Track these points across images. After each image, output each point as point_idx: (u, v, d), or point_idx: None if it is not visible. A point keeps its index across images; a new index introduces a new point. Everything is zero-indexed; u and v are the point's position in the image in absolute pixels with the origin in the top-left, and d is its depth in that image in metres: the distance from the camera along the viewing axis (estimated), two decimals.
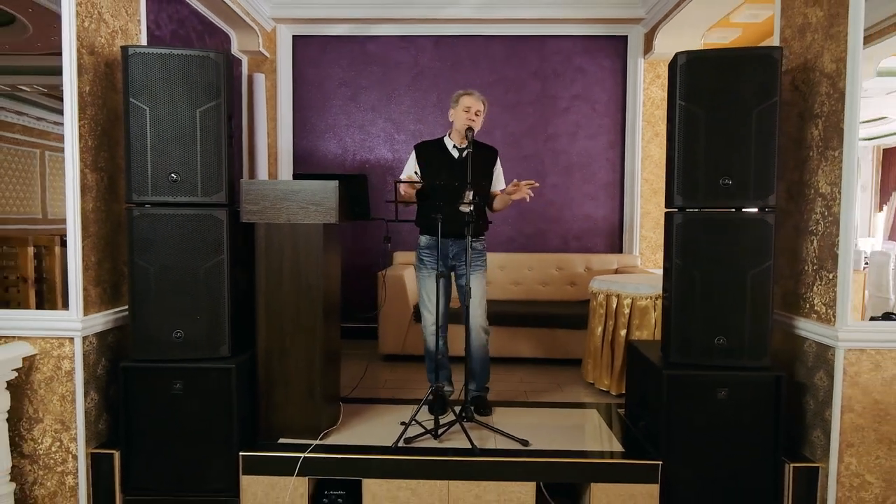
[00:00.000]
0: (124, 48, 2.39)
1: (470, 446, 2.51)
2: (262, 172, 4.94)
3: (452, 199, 2.71)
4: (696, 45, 4.67)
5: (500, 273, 4.76)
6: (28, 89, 3.72)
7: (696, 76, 2.42)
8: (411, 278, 4.37)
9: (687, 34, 4.53)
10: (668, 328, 2.56)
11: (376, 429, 2.80)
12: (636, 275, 3.94)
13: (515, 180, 2.87)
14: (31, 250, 2.89)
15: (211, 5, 4.17)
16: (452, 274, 3.11)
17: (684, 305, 2.49)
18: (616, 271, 4.68)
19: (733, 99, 2.39)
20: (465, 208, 2.59)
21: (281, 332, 2.61)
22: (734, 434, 2.43)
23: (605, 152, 4.98)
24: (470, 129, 2.83)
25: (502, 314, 4.13)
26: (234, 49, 4.73)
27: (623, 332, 3.39)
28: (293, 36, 4.98)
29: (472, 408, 2.96)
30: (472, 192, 2.59)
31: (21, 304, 2.89)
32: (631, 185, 4.92)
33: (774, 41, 2.75)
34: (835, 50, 2.33)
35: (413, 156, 3.12)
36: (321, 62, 5.00)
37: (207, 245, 2.49)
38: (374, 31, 4.91)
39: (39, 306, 2.93)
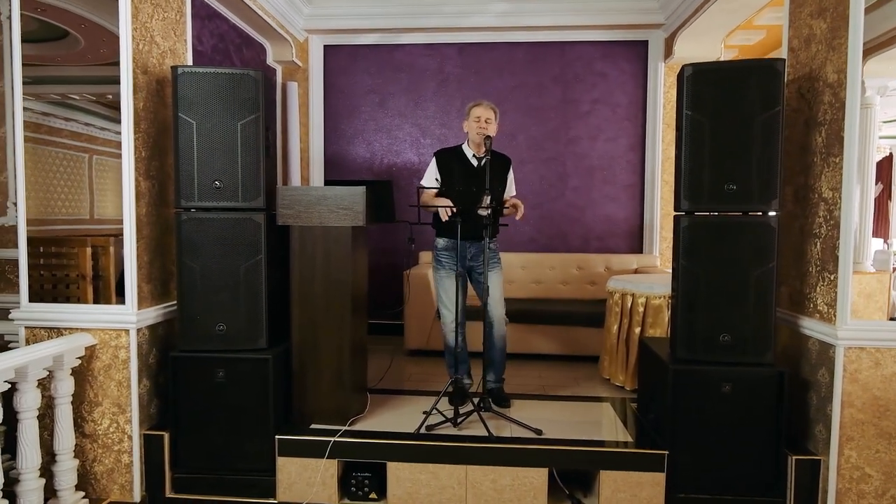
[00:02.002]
0: (174, 68, 2.65)
1: (487, 434, 2.69)
2: (295, 176, 5.21)
3: (471, 204, 2.90)
4: (716, 49, 4.74)
5: (521, 272, 4.92)
6: (78, 97, 4.04)
7: (701, 87, 2.55)
8: None
9: (707, 38, 4.61)
10: (675, 325, 2.70)
11: (400, 417, 3.01)
12: (651, 275, 4.06)
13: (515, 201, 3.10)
14: (89, 250, 3.19)
15: (248, 20, 4.44)
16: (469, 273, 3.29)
17: (690, 304, 2.62)
18: (636, 271, 4.79)
19: (738, 108, 2.52)
20: (483, 212, 2.78)
21: (313, 325, 2.84)
22: (738, 427, 2.56)
23: (625, 154, 5.09)
24: (487, 137, 3.01)
25: (524, 312, 4.30)
26: (269, 59, 4.99)
27: (637, 330, 3.53)
28: (324, 46, 5.22)
29: (492, 399, 3.15)
30: (489, 198, 2.77)
31: (80, 299, 3.19)
32: (651, 186, 5.02)
33: (783, 51, 2.85)
34: (836, 61, 2.44)
35: (434, 163, 3.31)
36: (351, 70, 5.24)
37: (247, 246, 2.73)
38: (401, 39, 5.13)
39: (96, 301, 3.23)
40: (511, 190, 3.37)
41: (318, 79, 5.23)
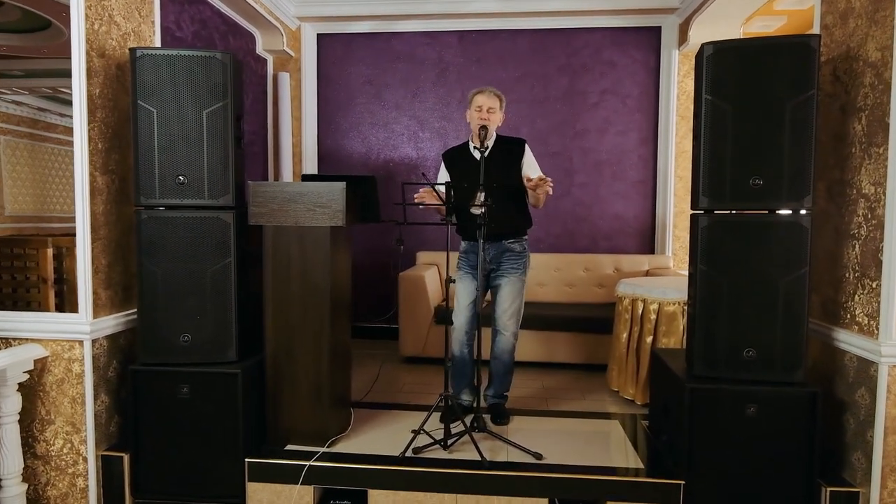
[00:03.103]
0: (132, 50, 2.38)
1: (479, 459, 2.41)
2: (287, 172, 4.94)
3: (469, 202, 2.62)
4: (734, 35, 4.41)
5: None
6: (68, 91, 3.81)
7: (723, 68, 2.25)
8: (432, 279, 4.29)
9: (724, 23, 4.28)
10: (692, 338, 2.40)
11: (387, 436, 2.73)
12: (664, 278, 3.75)
13: (536, 177, 2.74)
14: (49, 252, 2.94)
15: (234, 6, 4.17)
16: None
17: (710, 314, 2.32)
18: (647, 273, 4.49)
19: (765, 92, 2.21)
20: (476, 210, 2.49)
21: (288, 335, 2.57)
22: (764, 454, 2.25)
23: (636, 149, 4.77)
24: (483, 127, 2.72)
25: (526, 317, 4.00)
26: (259, 49, 4.73)
27: (649, 339, 3.22)
28: (318, 34, 4.95)
29: (490, 416, 2.87)
30: (483, 194, 2.48)
31: (41, 305, 2.94)
32: (664, 182, 4.70)
33: (815, 28, 2.54)
34: (880, 37, 2.12)
35: (443, 165, 3.06)
36: (346, 60, 4.96)
37: (214, 248, 2.47)
38: (399, 27, 4.84)
39: (60, 307, 2.98)
40: (532, 173, 3.00)
41: (312, 69, 4.96)
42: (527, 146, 2.97)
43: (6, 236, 3.15)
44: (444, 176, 3.04)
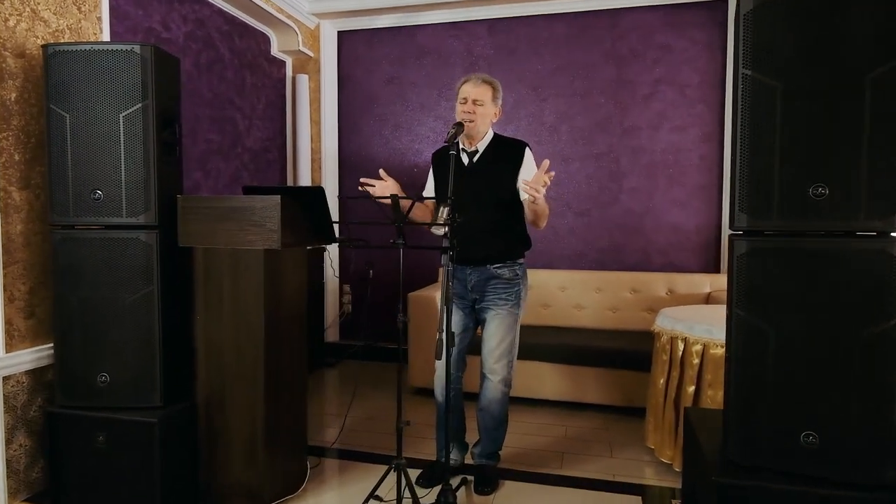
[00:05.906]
0: (45, 47, 2.07)
1: None
2: (305, 181, 4.61)
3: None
4: None
5: (560, 295, 3.99)
6: None
7: (770, 30, 1.58)
8: None
9: None
10: (728, 407, 1.73)
11: (346, 500, 2.26)
12: (716, 307, 2.99)
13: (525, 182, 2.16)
14: None
15: (237, 4, 3.88)
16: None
17: (751, 378, 1.65)
18: (708, 297, 3.72)
19: (833, 60, 1.52)
20: (438, 230, 1.97)
21: (221, 376, 2.17)
22: None
23: (698, 147, 4.00)
24: (459, 124, 2.19)
25: (556, 347, 3.42)
26: (275, 50, 4.43)
27: (691, 389, 2.53)
28: (339, 32, 4.60)
29: (474, 481, 2.33)
30: (446, 210, 1.95)
31: None
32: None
33: None
34: None
35: (431, 169, 2.59)
36: (368, 58, 4.57)
37: (135, 274, 2.11)
38: (423, 19, 4.38)
39: None
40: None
41: (332, 70, 4.61)
42: (528, 151, 2.37)
43: None
44: (430, 180, 2.58)
